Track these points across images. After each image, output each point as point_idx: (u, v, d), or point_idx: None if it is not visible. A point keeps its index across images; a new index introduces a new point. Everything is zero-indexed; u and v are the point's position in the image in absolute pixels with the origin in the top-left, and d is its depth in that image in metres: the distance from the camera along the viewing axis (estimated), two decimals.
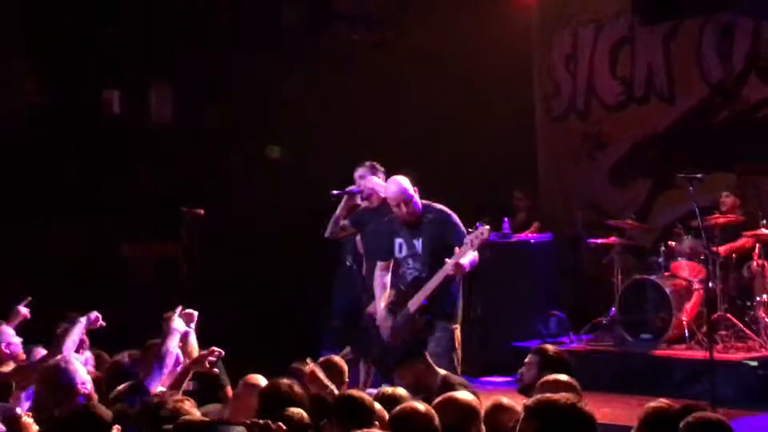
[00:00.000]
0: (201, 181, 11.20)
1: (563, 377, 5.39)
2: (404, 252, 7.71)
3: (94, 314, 6.71)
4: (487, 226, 7.27)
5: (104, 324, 6.75)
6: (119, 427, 4.70)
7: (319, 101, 11.44)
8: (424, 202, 7.70)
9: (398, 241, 7.74)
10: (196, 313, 7.11)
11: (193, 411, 4.58)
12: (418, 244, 7.63)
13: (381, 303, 7.68)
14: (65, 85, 10.41)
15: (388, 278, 7.76)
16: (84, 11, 10.79)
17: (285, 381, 5.16)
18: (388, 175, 8.05)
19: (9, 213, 10.10)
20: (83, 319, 6.60)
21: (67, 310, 7.42)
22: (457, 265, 7.23)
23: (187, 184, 10.98)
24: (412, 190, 7.64)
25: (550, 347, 6.36)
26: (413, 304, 7.48)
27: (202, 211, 9.38)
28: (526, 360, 6.09)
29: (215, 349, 6.56)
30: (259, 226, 11.35)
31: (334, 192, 8.66)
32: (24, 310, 7.14)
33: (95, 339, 7.69)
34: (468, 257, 7.26)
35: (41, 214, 10.27)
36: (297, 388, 5.10)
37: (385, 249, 7.82)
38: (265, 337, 10.38)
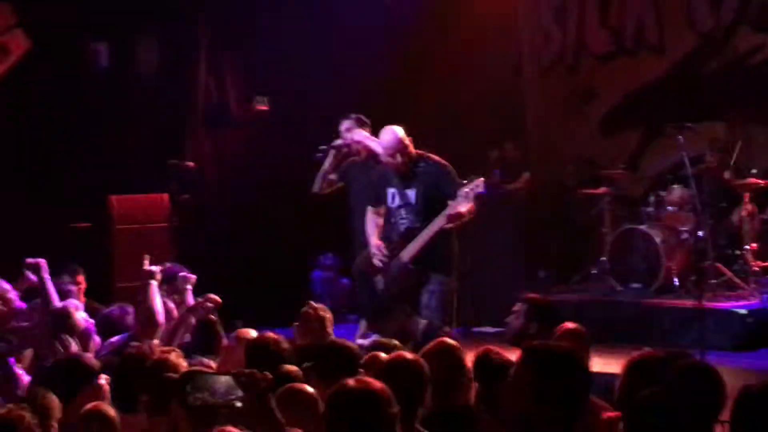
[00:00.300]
0: (190, 135, 11.17)
1: (572, 325, 5.45)
2: (396, 202, 7.64)
3: (42, 261, 6.67)
4: (482, 178, 7.25)
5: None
6: (107, 376, 4.71)
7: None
8: (419, 152, 7.66)
9: (391, 190, 7.67)
10: (194, 277, 7.15)
11: (179, 362, 4.58)
12: (412, 194, 7.57)
13: (374, 239, 7.63)
14: (52, 37, 10.29)
15: (381, 220, 7.73)
16: None
17: (272, 336, 5.19)
18: (378, 128, 8.00)
19: None
20: (44, 272, 6.59)
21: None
22: (453, 216, 7.20)
23: (174, 137, 10.94)
24: (407, 139, 7.60)
25: (538, 296, 6.40)
26: (406, 254, 7.46)
27: (192, 164, 9.37)
28: (514, 309, 6.11)
29: (211, 296, 6.59)
30: (253, 177, 11.29)
31: (321, 147, 8.61)
32: (32, 276, 7.12)
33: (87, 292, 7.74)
34: (463, 208, 7.23)
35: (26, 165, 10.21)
36: (284, 343, 5.12)
37: (375, 196, 7.77)
38: (258, 291, 10.39)
